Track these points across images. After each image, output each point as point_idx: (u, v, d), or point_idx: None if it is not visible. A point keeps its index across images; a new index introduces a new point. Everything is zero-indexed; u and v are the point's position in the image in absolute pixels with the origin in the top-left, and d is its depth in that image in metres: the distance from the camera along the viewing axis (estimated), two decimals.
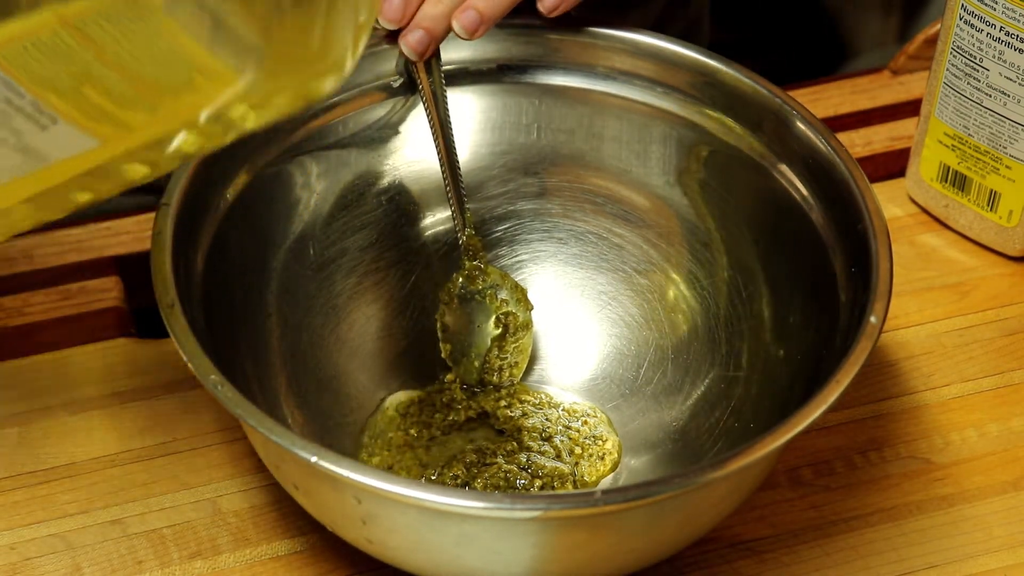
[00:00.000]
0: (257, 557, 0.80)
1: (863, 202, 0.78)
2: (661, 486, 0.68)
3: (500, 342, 0.85)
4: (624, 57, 0.86)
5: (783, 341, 0.82)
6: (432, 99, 0.83)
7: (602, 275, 0.88)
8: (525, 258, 0.89)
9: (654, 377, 0.86)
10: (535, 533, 0.69)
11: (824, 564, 0.80)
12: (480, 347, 0.85)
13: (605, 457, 0.83)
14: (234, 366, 0.75)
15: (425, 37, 0.81)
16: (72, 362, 0.88)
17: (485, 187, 0.88)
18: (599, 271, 0.88)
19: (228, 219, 0.80)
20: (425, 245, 0.87)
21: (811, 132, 0.81)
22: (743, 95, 0.84)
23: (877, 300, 0.74)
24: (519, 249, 0.89)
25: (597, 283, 0.88)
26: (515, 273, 0.88)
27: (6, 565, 0.79)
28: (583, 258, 0.88)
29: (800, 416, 0.70)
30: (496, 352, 0.85)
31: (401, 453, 0.82)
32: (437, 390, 0.85)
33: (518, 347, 0.85)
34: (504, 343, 0.85)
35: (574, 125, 0.87)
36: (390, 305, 0.87)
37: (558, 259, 0.89)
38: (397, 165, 0.87)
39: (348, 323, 0.85)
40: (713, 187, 0.86)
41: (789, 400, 0.76)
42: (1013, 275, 0.94)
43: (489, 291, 0.85)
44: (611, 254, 0.88)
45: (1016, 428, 0.86)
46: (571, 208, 0.88)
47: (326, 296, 0.85)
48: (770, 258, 0.84)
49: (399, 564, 0.74)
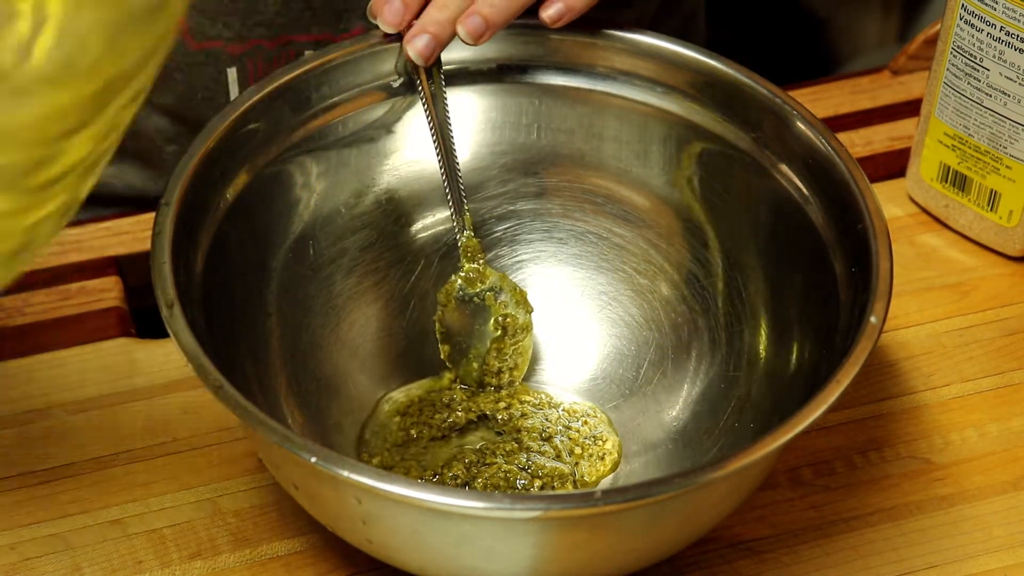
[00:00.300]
0: (257, 557, 0.80)
1: (863, 202, 0.78)
2: (661, 486, 0.68)
3: (499, 344, 0.85)
4: (624, 57, 0.86)
5: (783, 341, 0.82)
6: (432, 102, 0.83)
7: (602, 275, 0.88)
8: (525, 258, 0.89)
9: (654, 377, 0.86)
10: (535, 533, 0.69)
11: (824, 564, 0.80)
12: (479, 349, 0.85)
13: (605, 457, 0.83)
14: (234, 366, 0.75)
15: (432, 42, 0.81)
16: (72, 362, 0.88)
17: (485, 187, 0.88)
18: (599, 271, 0.88)
19: (228, 219, 0.80)
20: (425, 245, 0.87)
21: (811, 132, 0.81)
22: (743, 95, 0.84)
23: (877, 300, 0.74)
24: (519, 249, 0.89)
25: (597, 283, 0.88)
26: (515, 273, 0.88)
27: (6, 565, 0.79)
28: (583, 258, 0.88)
29: (800, 416, 0.70)
30: (495, 354, 0.85)
31: (401, 453, 0.82)
32: (437, 390, 0.85)
33: (518, 349, 0.85)
34: (503, 345, 0.85)
35: (574, 125, 0.87)
36: (390, 305, 0.87)
37: (558, 259, 0.89)
38: (397, 165, 0.87)
39: (348, 323, 0.85)
40: (713, 187, 0.86)
41: (789, 400, 0.76)
42: (1013, 275, 0.94)
43: (488, 293, 0.85)
44: (611, 254, 0.88)
45: (1016, 428, 0.86)
46: (571, 208, 0.88)
47: (326, 296, 0.85)
48: (770, 258, 0.84)
49: (399, 564, 0.74)
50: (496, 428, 0.84)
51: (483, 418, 0.84)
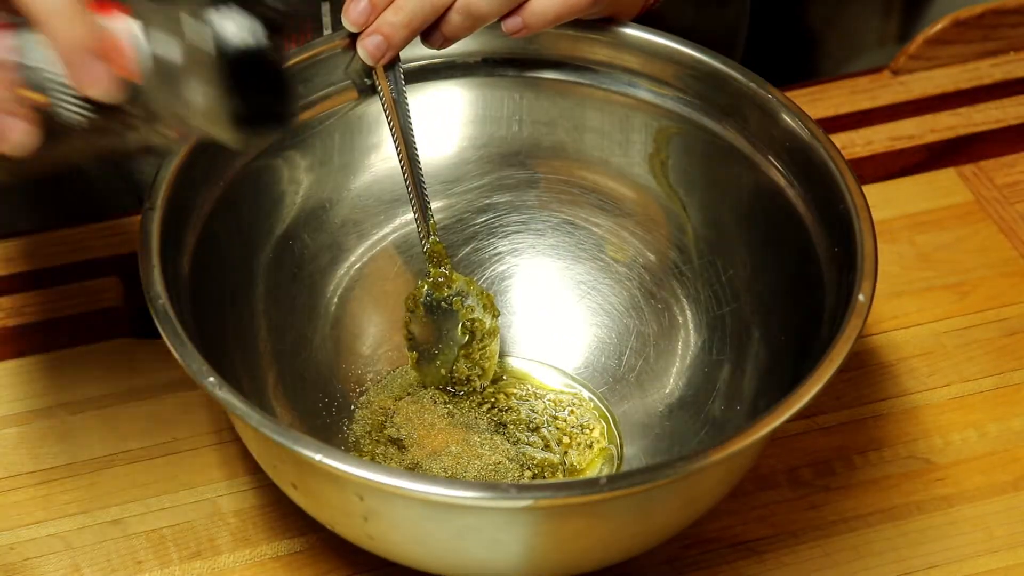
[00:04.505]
0: (257, 557, 0.80)
1: (843, 182, 0.78)
2: (667, 471, 0.68)
3: (467, 349, 0.85)
4: (606, 49, 0.86)
5: (766, 325, 0.82)
6: (393, 105, 0.83)
7: (580, 264, 0.88)
8: (503, 250, 0.89)
9: (637, 364, 0.86)
10: (539, 522, 0.69)
11: (824, 564, 0.80)
12: (448, 354, 0.85)
13: (593, 445, 0.84)
14: (223, 366, 0.75)
15: (383, 43, 0.81)
16: (72, 362, 0.88)
17: (463, 180, 0.88)
18: (577, 261, 0.88)
19: (213, 217, 0.79)
20: (408, 242, 0.87)
21: (789, 116, 0.81)
22: (722, 83, 0.84)
23: (864, 278, 0.74)
24: (497, 242, 0.89)
25: (575, 273, 0.88)
26: (493, 266, 0.88)
27: (6, 565, 0.79)
28: (561, 248, 0.89)
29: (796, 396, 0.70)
30: (463, 360, 0.85)
31: (388, 450, 0.82)
32: (421, 389, 0.85)
33: (484, 354, 0.85)
34: (471, 350, 0.85)
35: (556, 117, 0.88)
36: (374, 303, 0.87)
37: (536, 250, 0.89)
38: (374, 163, 0.87)
39: (332, 322, 0.85)
40: (692, 174, 0.86)
41: (775, 384, 0.76)
42: (1013, 275, 0.94)
43: (455, 298, 0.85)
44: (589, 243, 0.88)
45: (1016, 428, 0.86)
46: (549, 199, 0.89)
47: (309, 295, 0.85)
48: (751, 243, 0.84)
49: (401, 560, 0.74)
50: (483, 421, 0.84)
51: (469, 413, 0.84)
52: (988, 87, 1.05)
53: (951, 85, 1.04)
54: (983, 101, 1.04)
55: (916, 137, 1.01)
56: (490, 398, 0.85)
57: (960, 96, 1.04)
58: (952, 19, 1.05)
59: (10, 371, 0.87)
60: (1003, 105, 1.03)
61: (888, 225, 0.95)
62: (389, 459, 0.82)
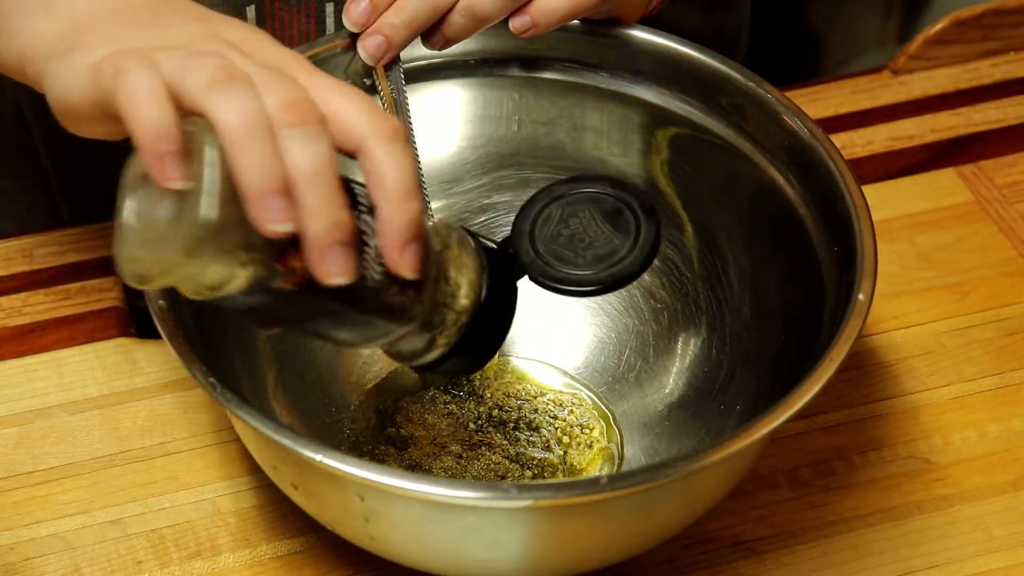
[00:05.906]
0: (257, 557, 0.80)
1: (843, 182, 0.78)
2: (667, 471, 0.68)
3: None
4: (605, 49, 0.86)
5: (766, 324, 0.82)
6: (393, 105, 0.83)
7: None
8: None
9: (636, 364, 0.86)
10: (540, 522, 0.69)
11: (824, 564, 0.80)
12: None
13: (593, 445, 0.84)
14: (223, 366, 0.75)
15: (383, 44, 0.81)
16: (72, 362, 0.88)
17: (462, 180, 0.88)
18: None
19: None
20: None
21: (789, 116, 0.81)
22: (721, 83, 0.84)
23: (864, 278, 0.74)
24: None
25: None
26: None
27: (6, 565, 0.79)
28: None
29: (800, 392, 0.70)
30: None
31: (388, 450, 0.82)
32: (420, 388, 0.85)
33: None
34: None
35: (555, 117, 0.88)
36: None
37: None
38: None
39: None
40: (691, 173, 0.86)
41: (775, 383, 0.76)
42: (1013, 275, 0.94)
43: None
44: None
45: (1016, 428, 0.86)
46: None
47: None
48: (750, 243, 0.84)
49: (401, 560, 0.74)
50: (482, 420, 0.84)
51: (468, 412, 0.84)
52: (988, 87, 1.05)
53: (951, 85, 1.04)
54: (983, 101, 1.04)
55: (916, 137, 1.01)
56: (489, 399, 0.85)
57: (960, 96, 1.04)
58: (952, 19, 1.05)
59: (10, 371, 0.87)
60: (1003, 105, 1.03)
61: (888, 225, 0.95)
62: (389, 459, 0.82)
